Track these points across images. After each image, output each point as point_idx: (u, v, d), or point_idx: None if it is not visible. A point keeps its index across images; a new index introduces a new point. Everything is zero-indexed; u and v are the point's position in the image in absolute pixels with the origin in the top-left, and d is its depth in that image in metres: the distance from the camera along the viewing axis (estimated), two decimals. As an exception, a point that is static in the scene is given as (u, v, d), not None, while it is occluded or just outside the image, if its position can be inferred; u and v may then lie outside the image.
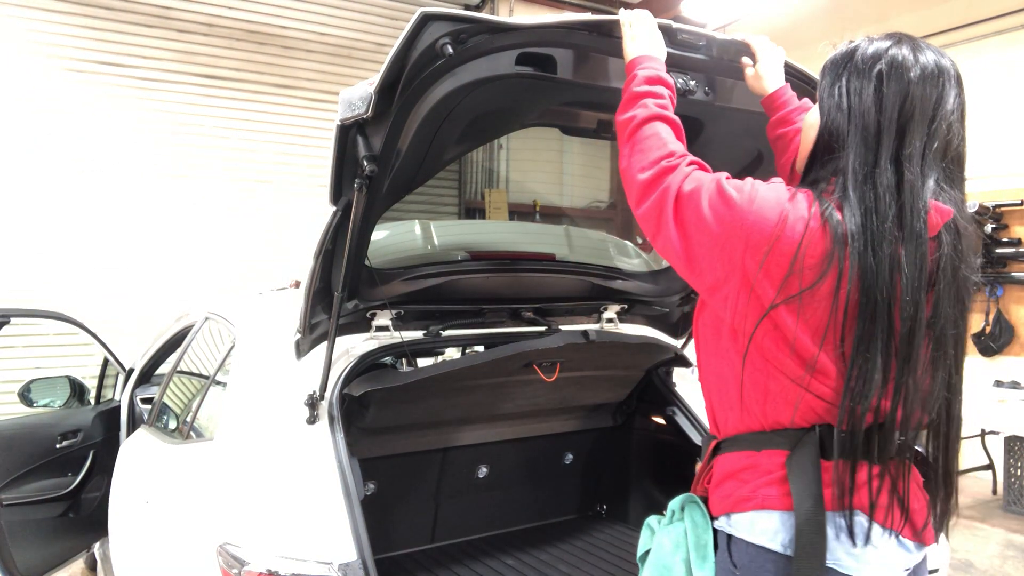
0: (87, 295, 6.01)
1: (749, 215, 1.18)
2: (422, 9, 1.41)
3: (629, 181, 1.35)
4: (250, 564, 1.61)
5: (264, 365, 2.11)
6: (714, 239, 1.20)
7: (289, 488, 1.76)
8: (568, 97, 1.80)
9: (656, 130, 1.35)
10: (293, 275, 6.97)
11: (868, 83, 1.19)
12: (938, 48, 1.24)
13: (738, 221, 1.19)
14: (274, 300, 2.87)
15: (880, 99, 1.18)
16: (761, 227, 1.17)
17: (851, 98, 1.20)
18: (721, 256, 1.20)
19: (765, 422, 1.25)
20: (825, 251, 1.15)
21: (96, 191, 6.06)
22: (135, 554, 2.39)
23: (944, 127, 1.18)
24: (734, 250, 1.19)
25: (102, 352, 3.65)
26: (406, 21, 1.44)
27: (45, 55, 5.87)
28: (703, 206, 1.21)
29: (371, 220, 1.85)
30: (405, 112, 1.56)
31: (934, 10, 6.88)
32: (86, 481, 3.36)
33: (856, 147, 1.18)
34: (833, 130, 1.23)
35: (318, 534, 1.65)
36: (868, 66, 1.20)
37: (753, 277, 1.18)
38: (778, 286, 1.16)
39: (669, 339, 2.70)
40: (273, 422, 1.94)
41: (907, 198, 1.15)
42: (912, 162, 1.16)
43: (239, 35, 6.65)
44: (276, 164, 6.82)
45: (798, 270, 1.15)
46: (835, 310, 1.15)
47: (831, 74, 1.27)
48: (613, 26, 1.53)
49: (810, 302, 1.16)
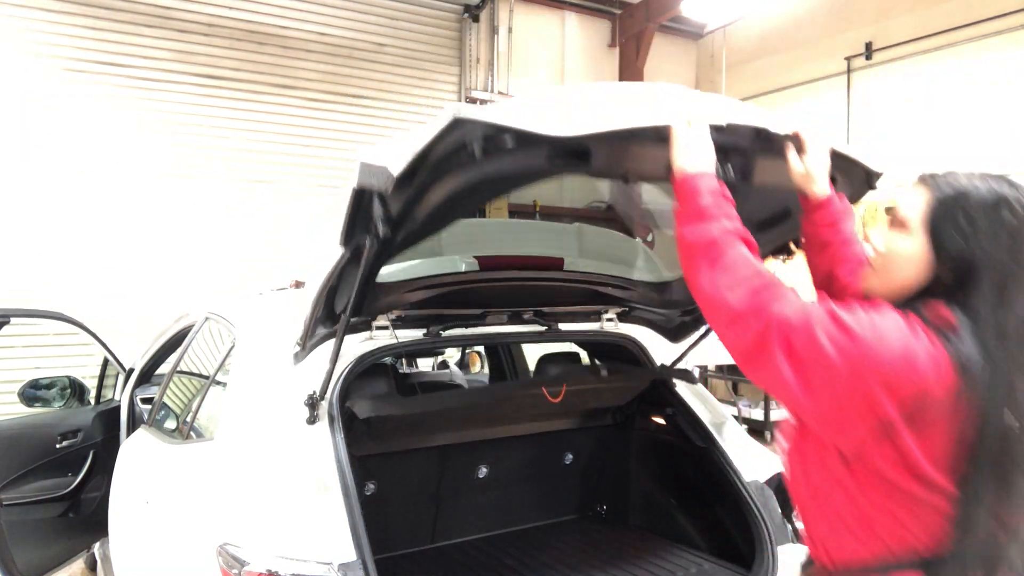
0: (87, 295, 6.01)
1: (873, 349, 1.13)
2: (454, 111, 1.29)
3: (714, 301, 1.29)
4: (250, 564, 1.61)
5: (264, 365, 2.11)
6: (836, 374, 1.14)
7: (289, 488, 1.76)
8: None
9: (739, 251, 1.30)
10: (293, 275, 6.97)
11: (998, 226, 1.19)
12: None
13: (863, 356, 1.13)
14: (274, 300, 2.87)
15: (1014, 241, 1.18)
16: (889, 362, 1.13)
17: (979, 240, 1.18)
18: (846, 390, 1.15)
19: (891, 548, 1.21)
20: (954, 382, 1.13)
21: (96, 191, 6.07)
22: (135, 554, 2.39)
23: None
24: (860, 384, 1.14)
25: (102, 352, 3.65)
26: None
27: (45, 55, 5.87)
28: (821, 340, 1.15)
29: (380, 263, 1.83)
30: (424, 191, 1.50)
31: (934, 10, 6.88)
32: (86, 481, 3.36)
33: (988, 286, 1.18)
34: (957, 269, 1.20)
35: (318, 534, 1.65)
36: (991, 207, 1.19)
37: (880, 410, 1.13)
38: (906, 416, 1.13)
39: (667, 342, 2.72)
40: (273, 422, 1.94)
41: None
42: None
43: (239, 35, 6.65)
44: (276, 164, 6.82)
45: (928, 402, 1.13)
46: (961, 437, 1.14)
47: (942, 213, 1.23)
48: (662, 131, 1.43)
49: (938, 430, 1.15)
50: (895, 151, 7.23)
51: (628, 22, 8.70)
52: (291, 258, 6.88)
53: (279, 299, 2.91)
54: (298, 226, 6.92)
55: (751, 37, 8.81)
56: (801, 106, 8.19)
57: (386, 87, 7.34)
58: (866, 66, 7.48)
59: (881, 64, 7.35)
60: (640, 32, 8.49)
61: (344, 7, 7.12)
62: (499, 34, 8.09)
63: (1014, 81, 6.29)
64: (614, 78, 8.88)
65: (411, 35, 7.41)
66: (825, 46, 7.90)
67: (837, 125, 7.76)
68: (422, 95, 7.56)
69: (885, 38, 7.29)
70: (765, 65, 8.62)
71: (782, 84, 8.41)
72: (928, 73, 6.94)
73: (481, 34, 8.00)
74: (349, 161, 7.53)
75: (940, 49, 6.82)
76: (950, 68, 6.76)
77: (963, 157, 6.66)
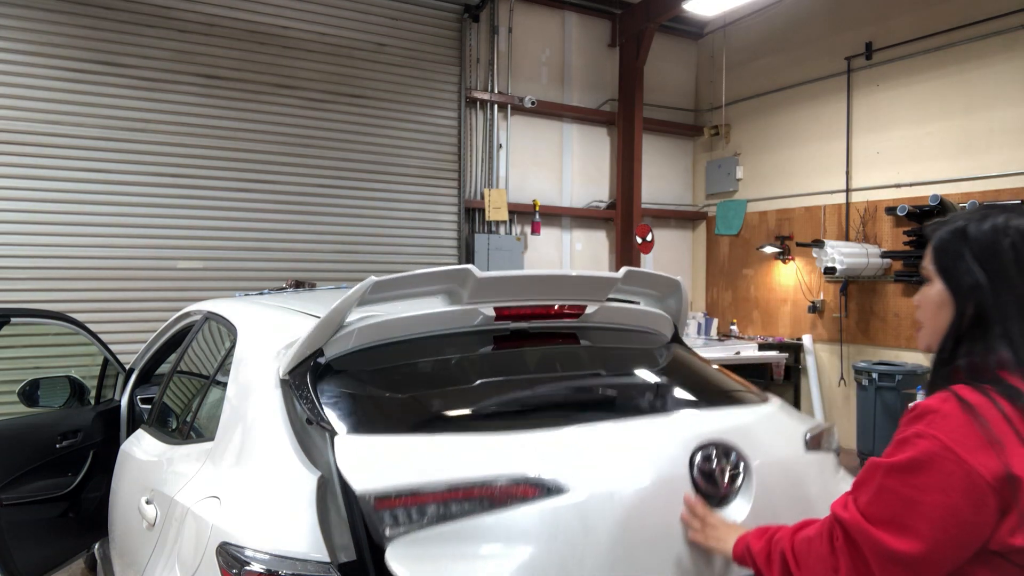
0: (87, 295, 6.01)
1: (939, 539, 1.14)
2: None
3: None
4: (250, 564, 1.61)
5: (264, 365, 2.11)
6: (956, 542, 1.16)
7: (289, 488, 1.76)
8: None
9: (798, 549, 1.37)
10: (290, 275, 6.96)
11: (1007, 255, 1.26)
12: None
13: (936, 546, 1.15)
14: (274, 300, 2.87)
15: (1021, 264, 1.25)
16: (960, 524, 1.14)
17: (990, 272, 1.26)
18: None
19: None
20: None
21: (96, 191, 6.07)
22: (135, 554, 2.39)
23: None
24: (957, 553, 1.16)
25: (102, 352, 3.65)
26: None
27: (45, 55, 5.87)
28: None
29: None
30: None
31: (934, 10, 6.88)
32: (86, 481, 3.37)
33: (1014, 316, 1.23)
34: (978, 304, 1.26)
35: (318, 534, 1.65)
36: (993, 239, 1.27)
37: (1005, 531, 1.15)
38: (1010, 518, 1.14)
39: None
40: (273, 422, 1.93)
41: None
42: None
43: (239, 35, 6.65)
44: (276, 164, 6.83)
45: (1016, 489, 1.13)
46: None
47: (947, 255, 1.31)
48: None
49: None
50: (895, 151, 7.23)
51: (628, 22, 8.70)
52: (291, 258, 6.90)
53: (279, 299, 2.91)
54: (297, 226, 6.93)
55: (751, 37, 8.82)
56: (801, 106, 8.20)
57: (386, 87, 7.34)
58: (866, 66, 7.48)
59: (881, 64, 7.35)
60: (640, 32, 8.49)
61: (344, 7, 7.12)
62: (499, 34, 8.09)
63: (1014, 81, 6.29)
64: (614, 78, 8.89)
65: (411, 35, 7.42)
66: (825, 46, 7.91)
67: (837, 125, 7.77)
68: (422, 95, 7.56)
69: (885, 38, 7.29)
70: (765, 65, 8.62)
71: (782, 84, 8.41)
72: (928, 73, 6.93)
73: (481, 34, 8.01)
74: (349, 161, 7.57)
75: (940, 49, 6.82)
76: (950, 68, 6.76)
77: (963, 157, 6.66)
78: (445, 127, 7.76)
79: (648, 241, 8.52)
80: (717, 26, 9.17)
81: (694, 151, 9.70)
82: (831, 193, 7.84)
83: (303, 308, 2.50)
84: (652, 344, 2.49)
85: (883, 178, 7.33)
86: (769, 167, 8.62)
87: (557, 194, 8.62)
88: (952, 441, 1.13)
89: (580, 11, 8.71)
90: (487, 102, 8.04)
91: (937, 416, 1.17)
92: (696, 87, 9.70)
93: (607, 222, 8.92)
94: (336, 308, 1.84)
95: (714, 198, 9.37)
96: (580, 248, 8.80)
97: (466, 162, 7.87)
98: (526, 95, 8.12)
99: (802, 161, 8.22)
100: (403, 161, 7.48)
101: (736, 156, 9.00)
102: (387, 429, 1.84)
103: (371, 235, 7.32)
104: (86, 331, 3.51)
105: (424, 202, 7.62)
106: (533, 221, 8.27)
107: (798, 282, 8.22)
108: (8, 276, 5.75)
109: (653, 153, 9.19)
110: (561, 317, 2.20)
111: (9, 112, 5.75)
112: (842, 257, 6.98)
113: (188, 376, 2.90)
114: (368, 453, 1.67)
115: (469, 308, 2.03)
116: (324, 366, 1.95)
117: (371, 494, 1.56)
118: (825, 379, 7.94)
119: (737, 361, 7.61)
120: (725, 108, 9.05)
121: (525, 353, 2.30)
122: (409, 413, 1.99)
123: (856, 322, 7.55)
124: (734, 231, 9.04)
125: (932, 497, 1.13)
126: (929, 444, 1.15)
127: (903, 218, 6.83)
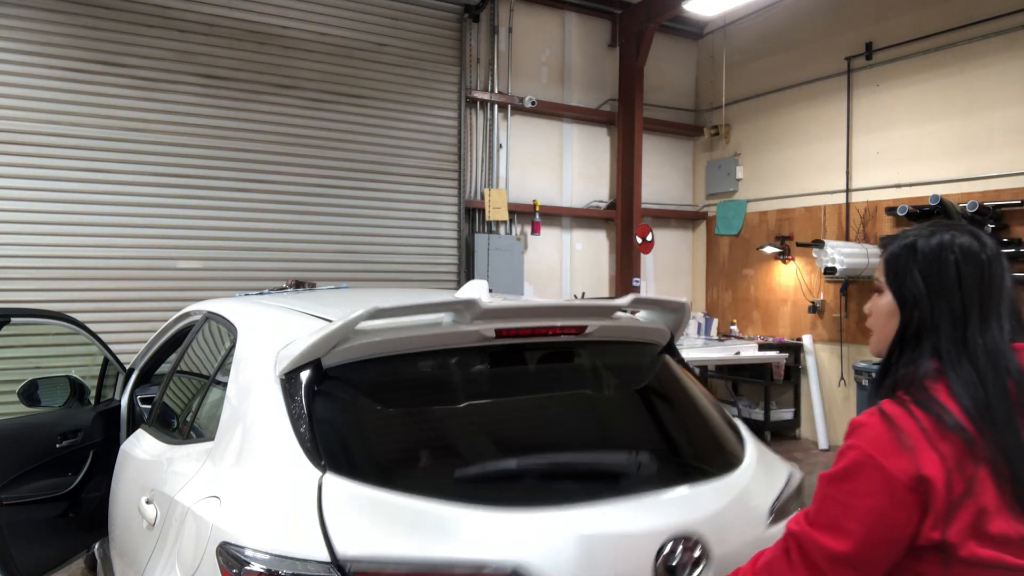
0: (87, 295, 6.02)
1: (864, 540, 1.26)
2: None
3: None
4: (250, 564, 1.61)
5: (264, 365, 2.11)
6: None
7: (289, 488, 1.76)
8: None
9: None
10: (290, 275, 6.96)
11: (949, 271, 1.37)
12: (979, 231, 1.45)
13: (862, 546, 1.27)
14: (274, 300, 2.87)
15: (960, 280, 1.36)
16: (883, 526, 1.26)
17: (931, 285, 1.38)
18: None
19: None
20: (961, 444, 1.26)
21: (96, 191, 6.07)
22: (135, 554, 2.39)
23: (1009, 293, 1.39)
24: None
25: (102, 352, 3.65)
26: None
27: (45, 55, 5.87)
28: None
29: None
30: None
31: (934, 10, 6.88)
32: (86, 481, 3.37)
33: (946, 328, 1.35)
34: (922, 315, 1.38)
35: (318, 534, 1.65)
36: (939, 255, 1.38)
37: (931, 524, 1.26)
38: (945, 519, 1.25)
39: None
40: (273, 422, 1.93)
41: (1004, 363, 1.32)
42: (995, 329, 1.35)
43: (239, 35, 6.66)
44: (276, 164, 6.83)
45: (949, 492, 1.25)
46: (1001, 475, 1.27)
47: (897, 267, 1.43)
48: None
49: (983, 488, 1.27)
50: (895, 151, 7.23)
51: (628, 22, 8.70)
52: (291, 258, 6.91)
53: (279, 299, 2.91)
54: (297, 226, 6.93)
55: (751, 37, 8.82)
56: (801, 106, 8.20)
57: (386, 87, 7.34)
58: (866, 66, 7.48)
59: (881, 64, 7.35)
60: (640, 32, 8.49)
61: (344, 7, 7.12)
62: (499, 34, 8.09)
63: (1013, 81, 6.29)
64: (614, 78, 8.89)
65: (411, 35, 7.42)
66: (825, 46, 7.91)
67: (837, 125, 7.77)
68: (422, 95, 7.56)
69: (885, 38, 7.29)
70: (765, 65, 8.62)
71: (782, 84, 8.41)
72: (928, 73, 6.94)
73: (481, 34, 8.01)
74: (349, 161, 7.57)
75: (940, 49, 6.82)
76: (950, 68, 6.76)
77: (963, 157, 6.66)
78: (445, 127, 7.76)
79: (648, 241, 8.52)
80: (717, 26, 9.17)
81: (694, 151, 9.70)
82: (831, 193, 7.84)
83: (303, 308, 2.50)
84: (644, 359, 2.49)
85: (883, 178, 7.33)
86: (769, 167, 8.62)
87: (557, 194, 8.62)
88: (873, 449, 1.27)
89: (580, 11, 8.72)
90: (487, 102, 8.04)
91: (863, 428, 1.31)
92: (696, 87, 9.70)
93: (607, 222, 8.92)
94: (332, 332, 1.86)
95: (714, 198, 9.37)
96: (580, 248, 8.80)
97: (466, 162, 7.87)
98: (526, 95, 8.12)
99: (802, 161, 8.22)
100: (403, 161, 7.48)
101: (736, 156, 9.00)
102: (371, 471, 1.83)
103: (371, 235, 7.32)
104: (86, 331, 3.51)
105: (424, 202, 7.62)
106: (533, 221, 8.27)
107: (798, 282, 8.22)
108: (8, 276, 5.75)
109: (653, 153, 9.19)
110: (560, 334, 2.21)
111: (9, 112, 5.76)
112: (842, 257, 6.98)
113: (188, 376, 2.90)
114: (352, 506, 1.68)
115: (471, 330, 2.04)
116: (322, 372, 1.94)
117: (351, 560, 1.59)
118: (825, 379, 7.94)
119: (737, 361, 7.62)
120: (725, 108, 9.05)
121: (517, 381, 2.30)
122: (394, 454, 1.99)
123: (856, 322, 7.55)
124: (734, 231, 9.04)
125: (861, 500, 1.27)
126: (856, 454, 1.29)
127: (903, 218, 6.83)
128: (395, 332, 2.00)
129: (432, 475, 1.91)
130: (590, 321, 2.22)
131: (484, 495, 1.78)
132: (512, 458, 1.99)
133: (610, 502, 1.83)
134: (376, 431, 2.00)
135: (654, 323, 2.50)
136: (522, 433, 2.17)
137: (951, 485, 1.24)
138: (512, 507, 1.74)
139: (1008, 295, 1.38)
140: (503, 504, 1.75)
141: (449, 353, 2.13)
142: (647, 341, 2.50)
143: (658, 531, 1.78)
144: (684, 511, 1.88)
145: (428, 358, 2.12)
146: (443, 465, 1.97)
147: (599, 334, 2.28)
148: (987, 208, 6.22)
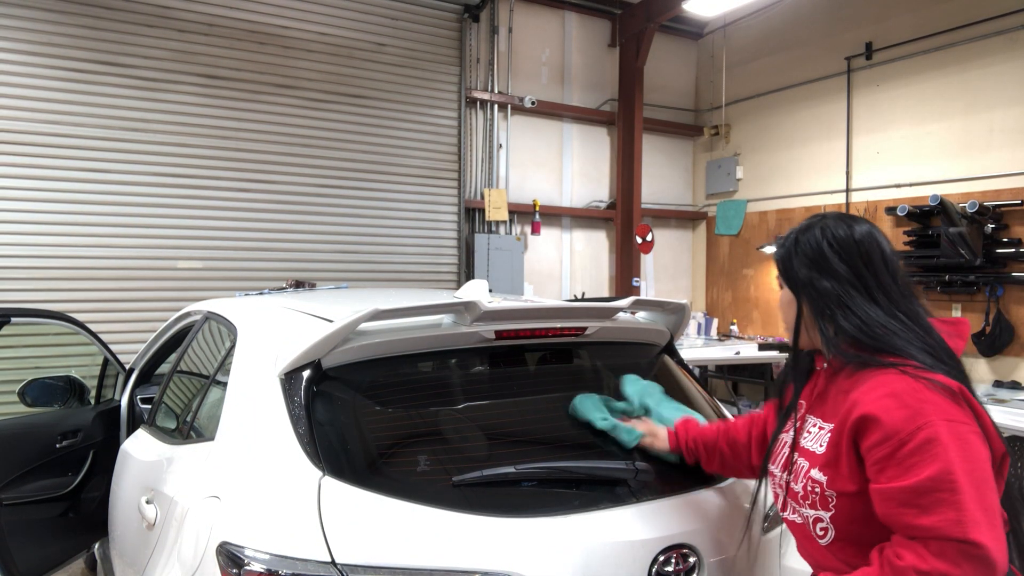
0: (87, 295, 6.02)
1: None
2: None
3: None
4: (250, 564, 1.61)
5: (264, 365, 2.11)
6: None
7: (289, 488, 1.76)
8: None
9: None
10: (290, 275, 6.97)
11: (828, 252, 1.56)
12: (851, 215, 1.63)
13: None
14: (274, 300, 2.87)
15: (840, 260, 1.54)
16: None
17: (815, 268, 1.56)
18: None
19: None
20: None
21: (96, 191, 6.07)
22: (135, 554, 2.39)
23: (894, 264, 1.55)
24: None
25: (102, 352, 3.65)
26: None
27: (45, 55, 5.87)
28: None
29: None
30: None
31: (934, 10, 6.88)
32: (86, 481, 3.37)
33: (834, 301, 1.52)
34: (808, 297, 1.57)
35: (318, 534, 1.65)
36: (816, 243, 1.58)
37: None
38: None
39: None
40: (273, 422, 1.93)
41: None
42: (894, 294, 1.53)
43: (239, 35, 6.65)
44: (276, 164, 6.83)
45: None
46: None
47: (784, 263, 1.64)
48: None
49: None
50: (895, 151, 7.23)
51: (628, 22, 8.70)
52: (291, 258, 6.90)
53: (279, 299, 2.91)
54: (297, 226, 6.93)
55: (751, 37, 8.82)
56: (801, 106, 8.20)
57: (386, 87, 7.34)
58: (866, 66, 7.48)
59: (881, 64, 7.35)
60: (640, 32, 8.49)
61: (344, 7, 7.12)
62: (499, 34, 8.09)
63: (1013, 82, 6.29)
64: (614, 78, 8.89)
65: (411, 35, 7.42)
66: (825, 46, 7.91)
67: (837, 125, 7.77)
68: (422, 95, 7.56)
69: (885, 38, 7.29)
70: (765, 65, 8.62)
71: (782, 84, 8.41)
72: (928, 73, 6.94)
73: (481, 34, 8.01)
74: (349, 161, 7.57)
75: (940, 49, 6.82)
76: (950, 68, 6.76)
77: (963, 157, 6.66)
78: (445, 127, 7.76)
79: (648, 241, 8.52)
80: (717, 26, 9.17)
81: (694, 151, 9.70)
82: (831, 193, 7.84)
83: (303, 308, 2.50)
84: (643, 359, 2.48)
85: (883, 178, 7.33)
86: (769, 167, 8.62)
87: (557, 194, 8.62)
88: (951, 417, 1.40)
89: (580, 11, 8.71)
90: (487, 102, 8.04)
91: (929, 405, 1.44)
92: (696, 87, 9.70)
93: (607, 222, 8.92)
94: (333, 333, 1.86)
95: (714, 198, 9.37)
96: (580, 248, 8.80)
97: (466, 162, 7.87)
98: (526, 95, 8.12)
99: (802, 161, 8.22)
100: (403, 161, 7.48)
101: (736, 156, 9.00)
102: (370, 473, 1.83)
103: (371, 235, 7.32)
104: (86, 331, 3.51)
105: (424, 202, 7.62)
106: (533, 221, 8.27)
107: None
108: (8, 276, 5.75)
109: (653, 153, 9.19)
110: (560, 335, 2.21)
111: (9, 112, 5.75)
112: (842, 257, 6.96)
113: (188, 376, 2.90)
114: (351, 513, 1.68)
115: (471, 332, 2.05)
116: (322, 373, 1.95)
117: (347, 567, 1.59)
118: (825, 379, 7.92)
119: (737, 361, 7.61)
120: (725, 108, 9.05)
121: (516, 382, 2.29)
122: (393, 456, 1.98)
123: (856, 322, 7.54)
124: (734, 231, 9.04)
125: (982, 464, 1.40)
126: (949, 427, 1.41)
127: (903, 218, 6.82)
128: (395, 333, 2.00)
129: (429, 478, 1.91)
130: (590, 322, 2.22)
131: (481, 501, 1.78)
132: (510, 463, 1.99)
133: (607, 510, 1.83)
134: (376, 432, 2.00)
135: (654, 324, 2.50)
136: (521, 436, 2.16)
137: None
138: (508, 514, 1.74)
139: (893, 266, 1.54)
140: (499, 511, 1.75)
141: (449, 354, 2.14)
142: (647, 342, 2.50)
143: (653, 540, 1.78)
144: (680, 519, 1.88)
145: (428, 359, 2.12)
146: (440, 468, 1.97)
147: (599, 335, 2.28)
148: (987, 208, 6.22)
